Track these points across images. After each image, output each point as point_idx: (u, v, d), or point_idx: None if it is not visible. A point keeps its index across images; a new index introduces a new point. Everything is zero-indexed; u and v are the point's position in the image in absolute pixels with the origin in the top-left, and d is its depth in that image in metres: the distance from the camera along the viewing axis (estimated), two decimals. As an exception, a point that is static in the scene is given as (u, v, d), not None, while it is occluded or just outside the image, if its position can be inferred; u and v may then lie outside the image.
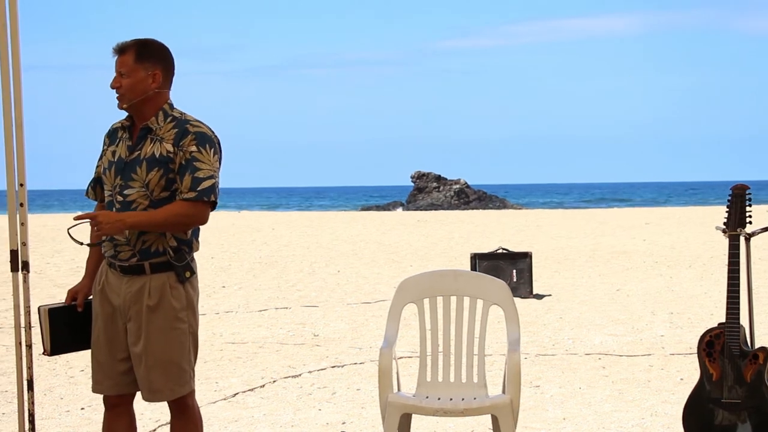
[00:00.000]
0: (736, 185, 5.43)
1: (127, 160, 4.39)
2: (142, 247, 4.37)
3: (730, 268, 5.29)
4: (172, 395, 4.43)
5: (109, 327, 4.46)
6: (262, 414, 6.87)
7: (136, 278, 4.38)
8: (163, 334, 4.38)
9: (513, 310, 5.28)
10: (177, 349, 4.40)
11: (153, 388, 4.41)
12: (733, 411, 5.28)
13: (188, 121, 4.40)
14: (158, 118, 4.41)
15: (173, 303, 4.39)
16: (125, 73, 4.37)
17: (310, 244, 21.92)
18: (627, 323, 10.62)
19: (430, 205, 49.68)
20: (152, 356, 4.37)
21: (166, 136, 4.37)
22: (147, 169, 4.34)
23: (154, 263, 4.38)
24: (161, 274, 4.38)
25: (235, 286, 14.41)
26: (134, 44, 4.39)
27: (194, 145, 4.34)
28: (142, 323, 4.37)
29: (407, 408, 5.08)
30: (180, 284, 4.41)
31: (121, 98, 4.40)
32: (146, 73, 4.38)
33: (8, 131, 5.00)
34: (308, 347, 9.47)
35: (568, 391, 7.48)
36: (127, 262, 4.39)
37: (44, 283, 14.66)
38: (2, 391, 7.60)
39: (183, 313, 4.42)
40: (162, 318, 4.38)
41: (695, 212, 36.09)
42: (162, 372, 4.39)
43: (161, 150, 4.35)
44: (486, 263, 12.98)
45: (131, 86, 4.37)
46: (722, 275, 13.50)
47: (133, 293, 4.39)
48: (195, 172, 4.32)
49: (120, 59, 4.38)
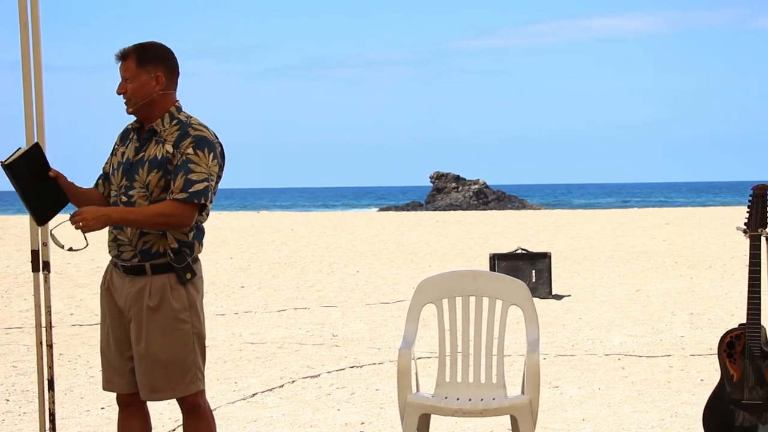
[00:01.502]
0: (757, 185, 5.40)
1: (133, 162, 4.44)
2: (143, 247, 4.40)
3: (750, 269, 5.26)
4: (174, 394, 4.46)
5: (116, 326, 4.50)
6: (281, 414, 6.89)
7: (137, 279, 4.42)
8: (164, 335, 4.40)
9: (532, 311, 5.27)
10: (180, 349, 4.42)
11: (153, 387, 4.43)
12: (753, 412, 5.25)
13: (191, 125, 4.43)
14: (164, 121, 4.45)
15: (174, 304, 4.41)
16: (129, 78, 4.41)
17: (329, 245, 21.94)
18: (647, 324, 10.59)
19: (449, 205, 49.65)
20: (153, 356, 4.39)
21: (169, 138, 4.41)
22: (148, 171, 4.38)
23: (155, 264, 4.40)
24: (162, 275, 4.41)
25: (254, 286, 14.44)
26: (134, 49, 4.44)
27: (191, 148, 4.36)
28: (143, 323, 4.40)
29: (426, 408, 5.08)
30: (181, 285, 4.42)
31: (127, 103, 4.45)
32: (149, 76, 4.42)
33: (29, 132, 5.03)
34: (327, 347, 9.48)
35: (588, 392, 7.46)
36: (129, 263, 4.43)
37: (65, 284, 14.73)
38: (23, 391, 7.65)
39: (185, 313, 4.43)
40: (162, 318, 4.40)
41: (716, 212, 35.93)
42: (163, 372, 4.41)
43: (162, 152, 4.39)
44: (505, 263, 12.96)
45: (135, 90, 4.41)
46: (743, 276, 13.44)
47: (134, 293, 4.42)
48: (189, 173, 4.34)
49: (123, 65, 4.43)
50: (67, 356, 9.06)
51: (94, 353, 9.21)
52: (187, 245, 4.43)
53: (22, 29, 4.98)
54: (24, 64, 5.01)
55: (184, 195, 4.33)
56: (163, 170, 4.36)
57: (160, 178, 4.36)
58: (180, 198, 4.33)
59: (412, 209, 49.68)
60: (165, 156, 4.37)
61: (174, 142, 4.38)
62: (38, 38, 5.01)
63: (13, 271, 16.58)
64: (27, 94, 5.02)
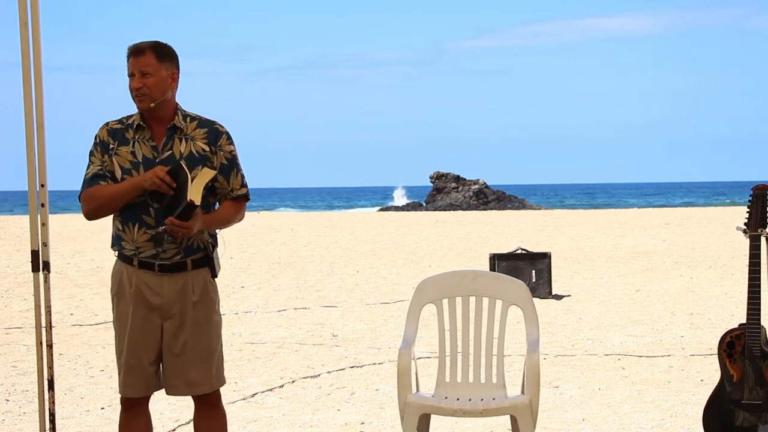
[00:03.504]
0: (757, 185, 5.41)
1: (158, 160, 4.43)
2: (188, 244, 4.46)
3: (750, 269, 5.27)
4: (210, 387, 4.53)
5: (144, 329, 4.48)
6: (281, 414, 6.89)
7: (177, 275, 4.46)
8: (205, 328, 4.49)
9: (532, 311, 5.27)
10: (216, 341, 4.54)
11: (194, 381, 4.48)
12: (753, 412, 5.26)
13: (212, 122, 4.54)
14: (179, 118, 4.48)
15: (213, 297, 4.54)
16: (149, 72, 4.40)
17: (329, 245, 21.94)
18: (647, 324, 10.59)
19: (449, 205, 49.66)
20: (194, 350, 4.46)
21: (194, 134, 4.47)
22: (189, 168, 4.39)
23: (195, 259, 4.49)
24: (200, 270, 4.50)
25: (254, 286, 14.44)
26: (152, 45, 4.44)
27: (230, 145, 4.52)
28: (186, 319, 4.46)
29: (426, 408, 5.08)
30: (213, 279, 4.55)
31: (144, 98, 4.41)
32: (166, 72, 4.44)
33: (29, 132, 5.03)
34: (327, 347, 9.48)
35: (588, 392, 7.46)
36: (170, 260, 4.45)
37: (65, 284, 14.73)
38: (23, 391, 7.65)
39: (218, 306, 4.58)
40: (203, 312, 4.49)
41: (716, 212, 35.93)
42: (203, 365, 4.48)
43: (196, 148, 4.45)
44: (505, 264, 12.97)
45: (155, 85, 4.41)
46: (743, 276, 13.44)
47: (176, 291, 4.46)
48: (240, 170, 4.54)
49: (141, 59, 4.40)
50: (67, 356, 9.06)
51: (94, 353, 9.22)
52: (215, 239, 4.58)
53: (22, 29, 4.98)
54: (24, 64, 5.01)
55: (245, 191, 4.55)
56: (206, 167, 4.44)
57: None
58: (243, 194, 4.53)
59: (412, 209, 49.69)
60: (202, 153, 4.45)
61: (208, 140, 4.46)
62: (38, 38, 5.01)
63: (13, 271, 16.58)
64: (27, 94, 5.02)
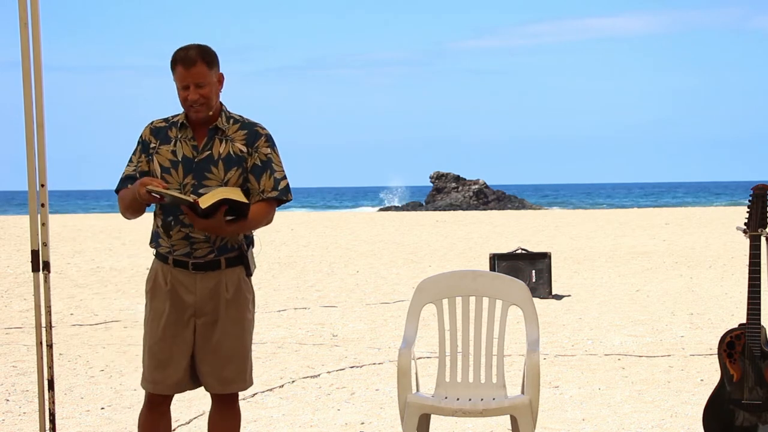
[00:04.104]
0: (757, 185, 5.41)
1: (197, 160, 4.47)
2: (221, 243, 4.49)
3: (750, 269, 5.26)
4: (244, 385, 4.57)
5: (177, 326, 4.50)
6: (281, 414, 6.89)
7: (210, 274, 4.49)
8: (238, 326, 4.52)
9: (532, 311, 5.27)
10: (248, 340, 4.58)
11: (227, 379, 4.51)
12: (753, 412, 5.25)
13: (254, 124, 4.57)
14: (223, 119, 4.53)
15: (247, 295, 4.58)
16: (203, 83, 4.43)
17: (329, 245, 21.94)
18: (647, 324, 10.59)
19: (449, 205, 49.66)
20: (228, 348, 4.49)
21: (234, 136, 4.51)
22: (225, 168, 4.46)
23: (229, 258, 4.52)
24: (234, 269, 4.53)
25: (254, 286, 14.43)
26: (200, 52, 4.44)
27: (268, 147, 4.53)
28: (220, 317, 4.49)
29: (426, 408, 5.08)
30: (248, 278, 4.60)
31: (202, 108, 4.45)
32: (215, 78, 4.49)
33: (29, 132, 5.03)
34: (327, 347, 9.48)
35: (588, 392, 7.46)
36: (204, 259, 4.48)
37: (65, 284, 14.73)
38: (23, 391, 7.65)
39: (252, 305, 4.61)
40: (236, 311, 4.52)
41: (716, 212, 35.94)
42: (237, 363, 4.52)
43: (234, 149, 4.49)
44: (505, 264, 12.97)
45: (210, 94, 4.46)
46: (743, 276, 13.44)
47: (210, 289, 4.49)
48: (273, 172, 4.53)
49: (194, 70, 4.41)
50: (67, 356, 9.06)
51: (94, 353, 9.22)
52: (250, 239, 4.60)
53: (21, 29, 4.98)
54: (24, 63, 5.01)
55: (276, 193, 4.53)
56: (242, 168, 4.48)
57: (240, 175, 4.48)
58: (273, 197, 4.52)
59: (412, 209, 49.70)
60: (239, 154, 4.48)
61: (246, 141, 4.50)
62: (38, 38, 5.01)
63: (13, 271, 16.58)
64: (27, 94, 5.02)
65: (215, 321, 4.49)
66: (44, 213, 5.05)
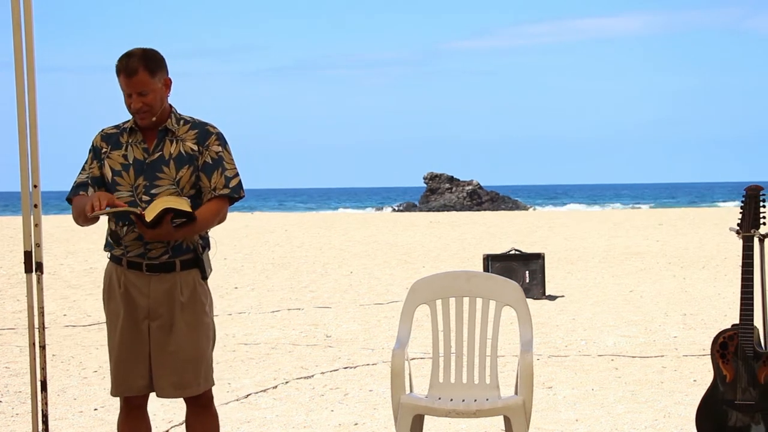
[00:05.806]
0: (749, 186, 5.42)
1: (148, 161, 4.48)
2: (175, 244, 4.46)
3: (743, 270, 5.27)
4: (200, 389, 4.53)
5: (133, 328, 4.49)
6: (275, 415, 6.88)
7: (165, 276, 4.47)
8: (194, 330, 4.48)
9: (526, 312, 5.28)
10: (205, 343, 4.53)
11: (182, 383, 4.48)
12: (746, 413, 5.26)
13: (205, 123, 4.58)
14: (173, 121, 4.54)
15: (202, 299, 4.53)
16: (146, 91, 4.43)
17: (322, 246, 21.94)
18: (640, 324, 10.60)
19: (443, 206, 49.67)
20: (184, 352, 4.46)
21: (185, 136, 4.52)
22: (176, 167, 4.47)
23: (184, 260, 4.49)
24: (190, 271, 4.50)
25: (247, 287, 14.43)
26: (141, 60, 4.42)
27: (218, 145, 4.53)
28: (174, 320, 4.46)
29: (420, 409, 5.08)
30: (204, 281, 4.55)
31: (146, 115, 4.46)
32: (160, 83, 4.48)
33: (22, 133, 5.02)
34: (321, 348, 9.48)
35: (581, 393, 7.47)
36: (158, 260, 4.46)
37: (58, 285, 14.71)
38: (16, 392, 7.63)
39: (208, 308, 4.57)
40: (191, 314, 4.49)
41: (709, 213, 35.99)
42: (192, 367, 4.48)
43: (185, 148, 4.50)
44: (498, 264, 12.98)
45: (154, 101, 4.46)
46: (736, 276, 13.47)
47: (164, 291, 4.46)
48: (225, 170, 4.52)
49: (134, 80, 4.41)
50: (60, 357, 9.05)
51: (87, 354, 9.21)
52: (206, 240, 4.59)
53: (14, 30, 4.97)
54: (17, 64, 5.00)
55: (227, 191, 4.52)
56: (193, 167, 4.48)
57: (192, 173, 4.48)
58: (224, 194, 4.51)
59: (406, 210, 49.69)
60: (190, 153, 4.49)
61: (197, 140, 4.50)
62: (31, 39, 5.00)
63: (6, 272, 16.55)
64: (20, 94, 5.01)
65: (170, 324, 4.45)
66: (37, 214, 5.04)
